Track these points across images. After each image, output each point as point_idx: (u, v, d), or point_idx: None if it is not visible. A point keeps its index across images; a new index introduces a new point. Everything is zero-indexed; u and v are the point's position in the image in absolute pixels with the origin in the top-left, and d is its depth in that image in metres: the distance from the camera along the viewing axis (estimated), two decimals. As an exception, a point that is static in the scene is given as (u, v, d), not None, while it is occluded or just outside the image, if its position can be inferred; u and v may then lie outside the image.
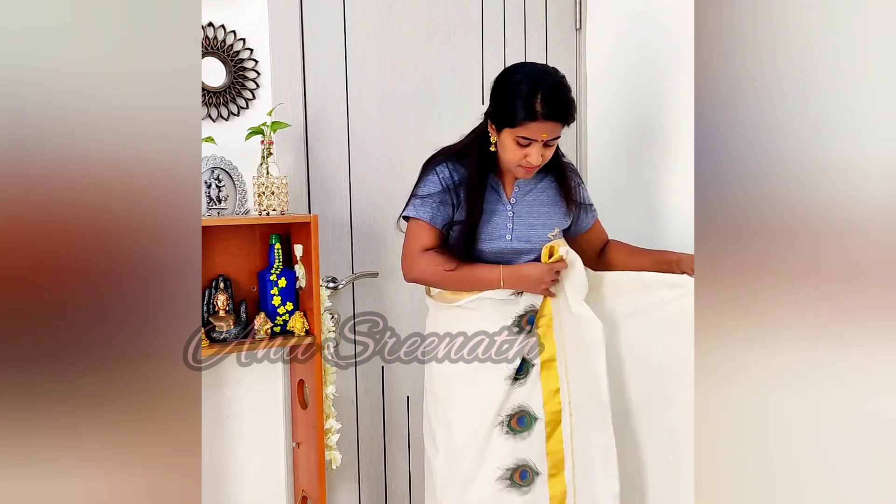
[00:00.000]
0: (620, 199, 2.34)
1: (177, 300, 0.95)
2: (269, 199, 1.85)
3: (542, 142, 1.61)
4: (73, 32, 0.89)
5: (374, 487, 2.29)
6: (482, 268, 1.71)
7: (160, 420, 0.94)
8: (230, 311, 1.87)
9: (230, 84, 1.94)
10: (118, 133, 0.91)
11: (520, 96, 1.59)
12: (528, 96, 1.58)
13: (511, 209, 1.75)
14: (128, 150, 0.92)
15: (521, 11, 2.40)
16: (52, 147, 0.88)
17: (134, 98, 0.92)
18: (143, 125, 0.93)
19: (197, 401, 0.98)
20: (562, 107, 1.60)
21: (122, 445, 0.92)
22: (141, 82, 0.93)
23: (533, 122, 1.58)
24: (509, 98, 1.61)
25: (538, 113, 1.57)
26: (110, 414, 0.92)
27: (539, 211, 1.77)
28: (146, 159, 0.93)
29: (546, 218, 1.77)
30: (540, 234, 1.75)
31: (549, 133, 1.60)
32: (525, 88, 1.59)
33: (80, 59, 0.89)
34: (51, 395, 0.89)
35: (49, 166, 0.88)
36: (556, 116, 1.59)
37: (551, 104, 1.58)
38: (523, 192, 1.76)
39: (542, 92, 1.58)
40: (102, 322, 0.91)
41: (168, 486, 0.94)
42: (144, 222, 0.93)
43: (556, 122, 1.60)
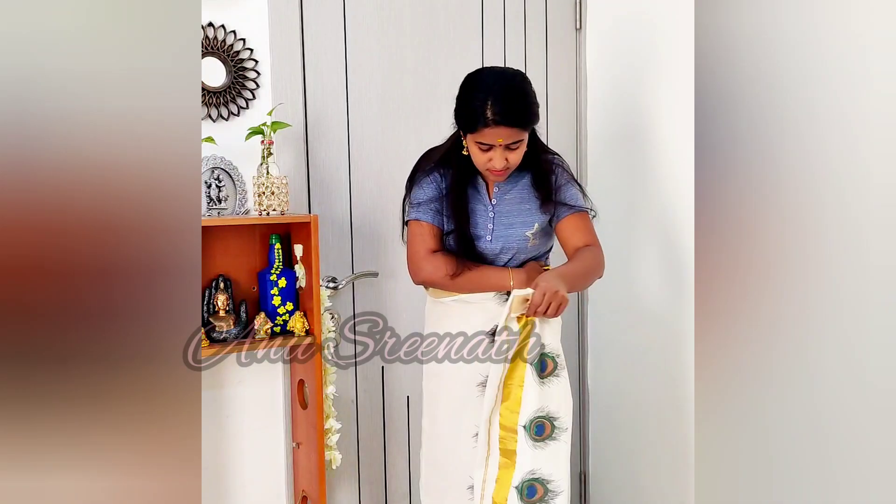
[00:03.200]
0: (620, 199, 2.35)
1: (177, 300, 0.95)
2: (269, 199, 1.85)
3: (502, 146, 1.61)
4: (73, 32, 0.89)
5: (374, 487, 2.29)
6: (491, 271, 1.71)
7: (160, 420, 0.94)
8: (230, 311, 1.87)
9: (230, 84, 1.94)
10: (118, 133, 0.91)
11: (473, 102, 1.59)
12: (481, 102, 1.57)
13: (492, 209, 1.74)
14: (128, 150, 0.92)
15: (521, 11, 2.40)
16: (51, 147, 0.88)
17: (134, 98, 0.92)
18: (143, 125, 0.93)
19: (197, 401, 0.98)
20: (513, 112, 1.58)
21: (123, 445, 0.92)
22: (141, 82, 0.93)
23: (486, 128, 1.58)
24: (465, 104, 1.62)
25: (489, 119, 1.56)
26: (110, 414, 0.92)
27: (519, 209, 1.75)
28: (146, 159, 0.93)
29: (525, 216, 1.74)
30: (518, 233, 1.73)
31: (506, 138, 1.59)
32: (478, 95, 1.59)
33: (80, 59, 0.89)
34: (51, 395, 0.89)
35: (49, 166, 0.88)
36: (508, 121, 1.57)
37: (503, 109, 1.56)
38: (503, 192, 1.76)
39: (493, 97, 1.57)
40: (102, 322, 0.91)
41: (168, 486, 0.94)
42: (144, 222, 0.93)
43: (509, 127, 1.58)
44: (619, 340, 2.43)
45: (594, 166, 2.50)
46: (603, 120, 2.47)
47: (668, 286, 2.22)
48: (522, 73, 1.67)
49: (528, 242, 1.74)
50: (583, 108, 2.51)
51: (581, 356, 2.59)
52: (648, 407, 2.33)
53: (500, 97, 1.57)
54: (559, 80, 2.49)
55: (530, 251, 1.76)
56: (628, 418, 2.42)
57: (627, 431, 2.43)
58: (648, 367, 2.32)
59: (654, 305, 2.28)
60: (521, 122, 1.60)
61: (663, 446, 2.28)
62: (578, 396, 2.59)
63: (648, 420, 2.33)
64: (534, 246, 1.76)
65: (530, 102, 1.62)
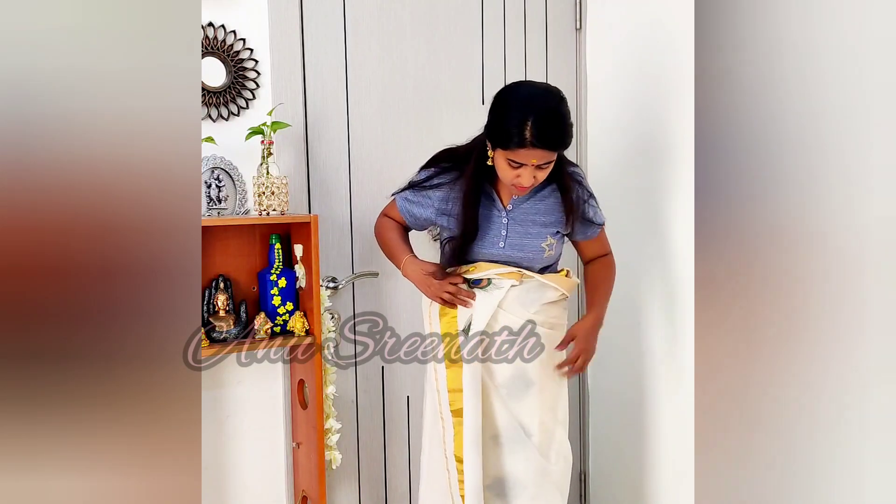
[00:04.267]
0: (620, 199, 2.34)
1: (177, 300, 0.95)
2: (269, 199, 1.85)
3: (534, 166, 1.59)
4: (73, 32, 0.89)
5: (374, 487, 2.29)
6: (397, 246, 1.85)
7: (160, 420, 0.94)
8: (230, 311, 1.87)
9: (230, 84, 1.93)
10: (118, 133, 0.91)
11: (510, 121, 1.55)
12: (519, 122, 1.54)
13: (506, 216, 1.74)
14: (128, 150, 0.92)
15: (521, 11, 2.40)
16: (51, 147, 0.88)
17: (134, 98, 0.92)
18: (143, 125, 0.93)
19: (197, 401, 0.98)
20: (552, 135, 1.55)
21: (123, 445, 0.92)
22: (141, 82, 0.93)
23: (522, 149, 1.55)
24: (501, 121, 1.58)
25: (527, 140, 1.54)
26: (110, 414, 0.92)
27: (535, 220, 1.74)
28: (146, 159, 0.93)
29: (542, 227, 1.74)
30: (534, 243, 1.73)
31: (539, 159, 1.57)
32: (516, 114, 1.55)
33: (80, 59, 0.89)
34: (51, 395, 0.89)
35: (49, 166, 0.88)
36: (545, 145, 1.55)
37: (541, 132, 1.53)
38: (521, 200, 1.75)
39: (533, 119, 1.53)
40: (102, 322, 0.91)
41: (168, 486, 0.94)
42: (144, 222, 0.93)
43: (545, 149, 1.56)
44: (620, 341, 2.43)
45: (594, 167, 2.50)
46: (603, 120, 2.46)
47: (667, 286, 2.22)
48: (560, 92, 1.62)
49: (543, 253, 1.74)
50: (583, 108, 2.51)
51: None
52: (648, 407, 2.33)
53: (539, 120, 1.53)
54: (559, 80, 2.48)
55: (545, 261, 1.77)
56: (628, 418, 2.42)
57: (627, 431, 2.43)
58: (648, 368, 2.32)
59: (654, 305, 2.28)
60: (557, 146, 1.59)
61: (663, 446, 2.28)
62: (578, 396, 2.59)
63: (648, 420, 2.33)
64: (549, 256, 1.76)
65: (568, 126, 1.59)
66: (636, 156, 2.32)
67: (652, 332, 2.30)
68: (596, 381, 2.58)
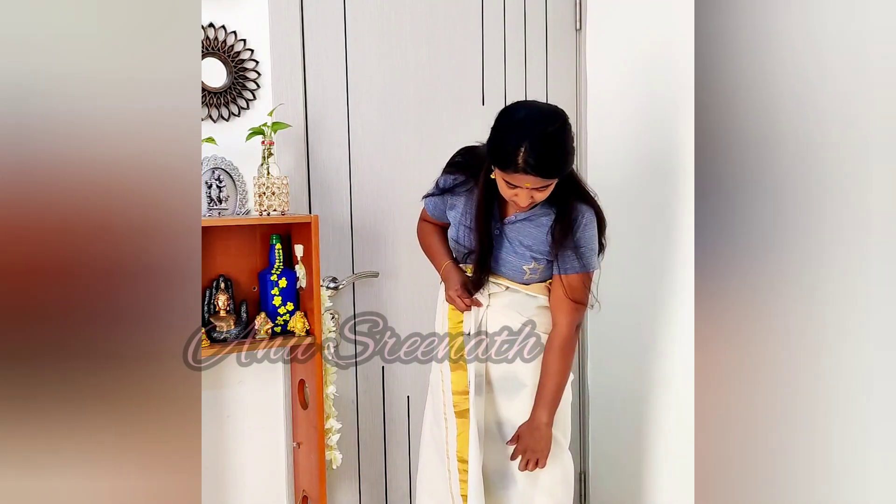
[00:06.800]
0: (620, 199, 2.34)
1: (177, 300, 0.95)
2: (270, 200, 1.85)
3: (530, 188, 1.54)
4: (73, 33, 0.89)
5: (374, 487, 2.29)
6: (437, 254, 1.86)
7: (160, 420, 0.94)
8: (231, 311, 1.88)
9: (231, 84, 1.94)
10: (118, 133, 0.92)
11: (506, 144, 1.51)
12: (514, 147, 1.49)
13: (499, 229, 1.71)
14: (128, 151, 0.92)
15: (521, 11, 2.40)
16: (51, 148, 0.88)
17: (134, 99, 0.92)
18: (143, 126, 0.93)
19: (197, 401, 0.98)
20: (546, 164, 1.50)
21: (123, 445, 0.92)
22: (141, 83, 0.93)
23: (516, 173, 1.51)
24: (498, 142, 1.54)
25: (519, 166, 1.49)
26: (110, 414, 0.92)
27: (522, 241, 1.69)
28: (146, 160, 0.93)
29: (527, 249, 1.69)
30: (516, 262, 1.70)
31: (534, 184, 1.52)
32: (512, 138, 1.50)
33: (80, 60, 0.89)
34: (51, 395, 0.89)
35: (49, 167, 0.88)
36: (538, 172, 1.49)
37: (534, 159, 1.48)
38: (518, 217, 1.70)
39: (528, 144, 1.48)
40: (102, 322, 0.91)
41: (168, 486, 0.95)
42: (145, 222, 0.93)
43: (538, 176, 1.50)
44: (619, 340, 2.43)
45: (594, 167, 2.50)
46: (603, 120, 2.46)
47: (667, 286, 2.22)
48: (562, 115, 1.56)
49: (523, 276, 1.71)
50: (583, 108, 2.51)
51: (581, 356, 2.59)
52: (648, 407, 2.33)
53: (534, 146, 1.48)
54: (559, 80, 2.49)
55: (525, 281, 1.73)
56: (628, 418, 2.42)
57: (627, 431, 2.43)
58: (648, 368, 2.32)
59: (654, 305, 2.28)
60: (552, 174, 1.53)
61: (663, 446, 2.28)
62: (579, 396, 2.59)
63: (648, 420, 2.33)
64: (530, 279, 1.72)
65: (565, 153, 1.53)
66: (636, 156, 2.32)
67: (652, 333, 2.30)
68: (596, 381, 2.58)
